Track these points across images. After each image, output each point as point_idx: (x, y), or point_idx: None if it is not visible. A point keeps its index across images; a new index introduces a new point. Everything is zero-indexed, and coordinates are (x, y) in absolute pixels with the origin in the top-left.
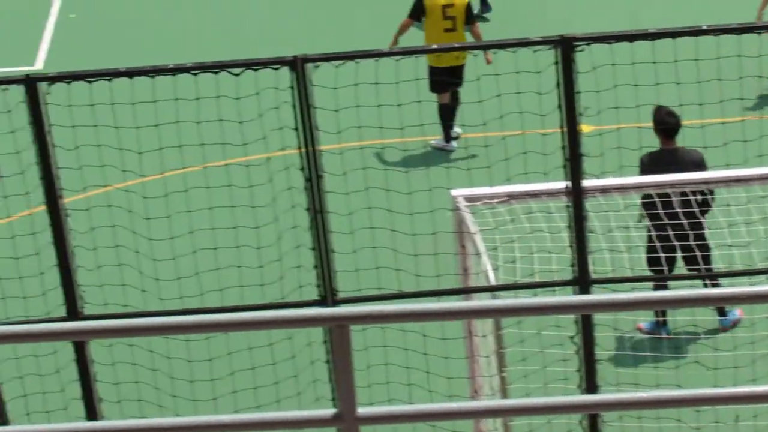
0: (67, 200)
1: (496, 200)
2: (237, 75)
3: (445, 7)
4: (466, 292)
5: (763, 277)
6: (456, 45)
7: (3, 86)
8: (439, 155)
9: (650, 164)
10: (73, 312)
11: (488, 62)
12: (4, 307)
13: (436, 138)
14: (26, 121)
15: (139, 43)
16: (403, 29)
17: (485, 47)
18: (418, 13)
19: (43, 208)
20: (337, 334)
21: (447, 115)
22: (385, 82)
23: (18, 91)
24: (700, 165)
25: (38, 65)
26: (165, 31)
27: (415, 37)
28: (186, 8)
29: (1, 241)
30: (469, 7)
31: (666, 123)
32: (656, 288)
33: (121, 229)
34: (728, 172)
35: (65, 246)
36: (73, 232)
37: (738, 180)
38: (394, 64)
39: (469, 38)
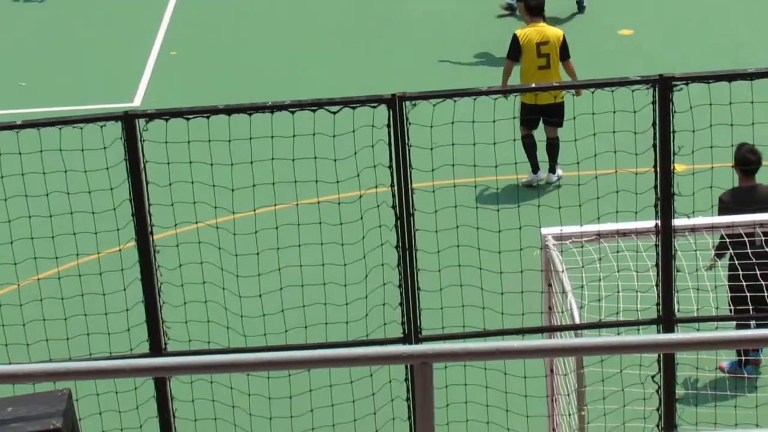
0: (157, 237)
1: (584, 239)
2: (334, 113)
3: (539, 44)
4: (550, 330)
5: None
6: (555, 84)
7: (101, 122)
8: (530, 193)
9: (730, 202)
10: (157, 348)
11: (578, 95)
12: (87, 342)
13: (528, 176)
14: (121, 156)
15: (238, 80)
16: (507, 72)
17: (584, 86)
18: (516, 53)
19: (132, 244)
20: (420, 371)
21: (530, 147)
22: (480, 121)
23: (115, 128)
24: None
25: (137, 102)
26: (264, 68)
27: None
28: (285, 46)
29: (89, 276)
30: (563, 44)
31: (747, 160)
32: (739, 327)
33: (208, 265)
34: None
35: (153, 282)
36: (161, 269)
37: None
38: (489, 102)
39: (563, 75)
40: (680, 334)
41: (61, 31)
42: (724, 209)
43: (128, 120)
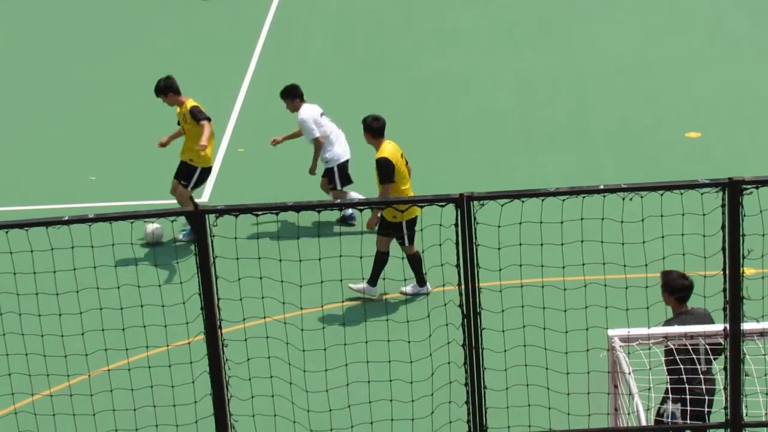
0: (226, 330)
1: (652, 341)
2: (403, 212)
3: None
4: None
5: None
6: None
7: (173, 217)
8: (597, 294)
9: None
10: None
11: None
12: None
13: (596, 277)
14: (191, 250)
15: (305, 177)
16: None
17: (653, 188)
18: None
19: (201, 337)
20: None
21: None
22: (549, 222)
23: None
24: None
25: (205, 197)
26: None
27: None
28: (351, 142)
29: (158, 368)
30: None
31: (677, 285)
32: None
33: (276, 359)
34: None
35: (221, 376)
36: (229, 362)
37: None
38: (558, 204)
39: None
40: None
41: (133, 126)
42: None
43: (199, 215)
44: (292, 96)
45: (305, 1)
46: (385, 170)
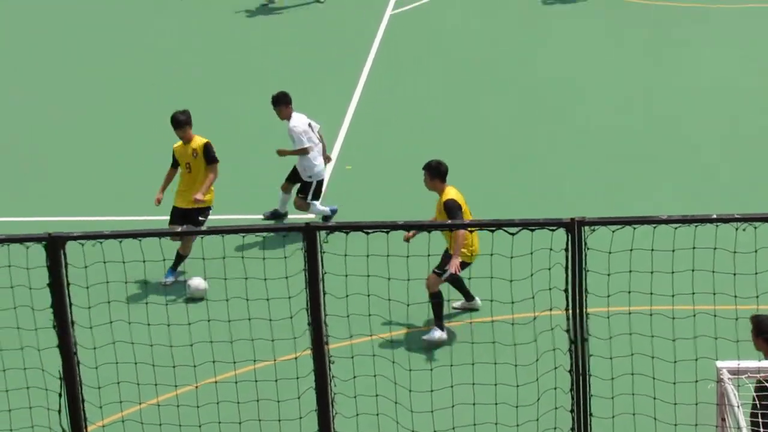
0: (333, 347)
1: (762, 374)
2: (513, 234)
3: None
4: None
5: None
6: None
7: (283, 232)
8: (708, 323)
9: None
10: None
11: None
12: None
13: (706, 306)
14: (300, 266)
15: (412, 195)
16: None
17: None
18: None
19: (308, 352)
20: None
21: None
22: (660, 249)
23: (295, 238)
24: None
25: (311, 214)
26: None
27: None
28: (461, 163)
29: (264, 383)
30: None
31: None
32: None
33: (381, 378)
34: None
35: (326, 392)
36: (335, 379)
37: None
38: (669, 231)
39: None
40: None
41: (243, 144)
42: None
43: (309, 231)
44: (284, 103)
45: (415, 19)
46: (455, 212)
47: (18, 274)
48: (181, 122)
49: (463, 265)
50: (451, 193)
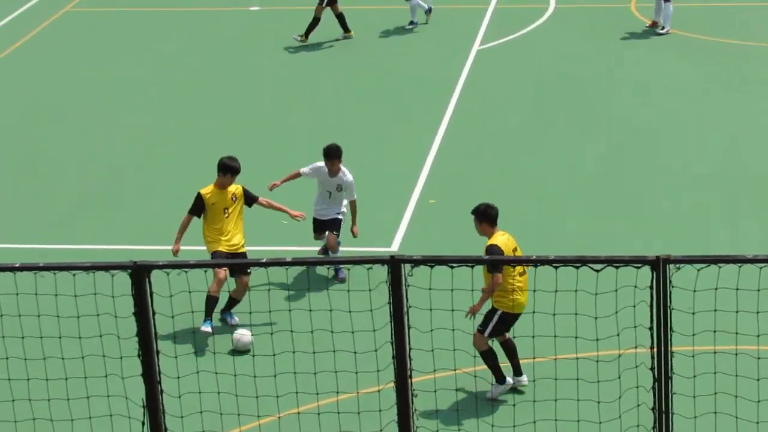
0: (416, 380)
1: None
2: (598, 271)
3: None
4: None
5: None
6: None
7: (368, 265)
8: None
9: None
10: None
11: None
12: None
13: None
14: (385, 299)
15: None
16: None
17: None
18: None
19: (391, 385)
20: None
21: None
22: (745, 289)
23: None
24: None
25: (394, 247)
26: (526, 220)
27: None
28: (545, 197)
29: (347, 414)
30: None
31: None
32: None
33: (465, 413)
34: None
35: (408, 426)
36: (417, 412)
37: None
38: (755, 271)
39: None
40: None
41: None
42: None
43: (394, 264)
44: (339, 156)
45: (502, 54)
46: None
47: (103, 302)
48: (237, 170)
49: (504, 319)
50: (497, 238)
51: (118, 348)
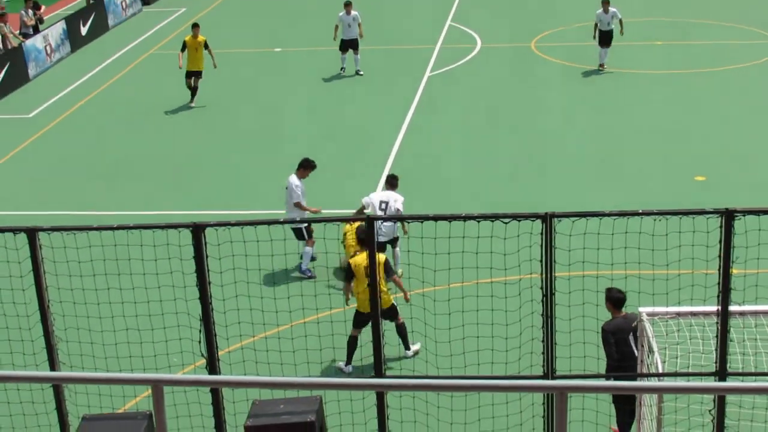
0: None
1: (668, 316)
2: (506, 223)
3: None
4: (642, 375)
5: None
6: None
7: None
8: (633, 282)
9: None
10: None
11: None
12: None
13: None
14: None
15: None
16: None
17: (669, 213)
18: None
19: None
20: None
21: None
22: (605, 234)
23: None
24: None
25: None
26: (474, 192)
27: None
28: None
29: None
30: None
31: (618, 299)
32: None
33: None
34: None
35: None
36: None
37: None
38: (611, 221)
39: None
40: (729, 383)
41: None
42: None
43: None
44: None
45: (447, 78)
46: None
47: (172, 251)
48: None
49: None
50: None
51: (182, 279)
